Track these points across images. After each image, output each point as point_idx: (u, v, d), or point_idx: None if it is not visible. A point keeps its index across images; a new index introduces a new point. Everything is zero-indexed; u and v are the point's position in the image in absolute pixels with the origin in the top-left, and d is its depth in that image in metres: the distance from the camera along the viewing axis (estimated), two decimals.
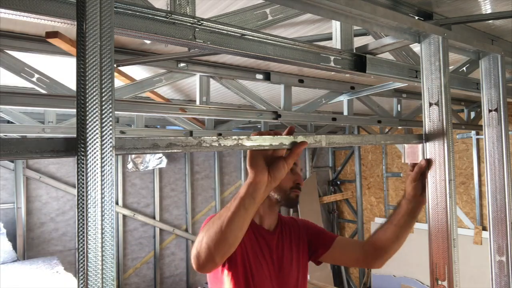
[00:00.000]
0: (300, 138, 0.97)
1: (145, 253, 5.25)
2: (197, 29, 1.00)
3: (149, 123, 4.35)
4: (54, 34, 1.70)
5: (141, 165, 5.05)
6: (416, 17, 1.40)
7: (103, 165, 0.65)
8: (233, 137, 0.86)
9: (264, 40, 1.12)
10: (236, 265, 1.27)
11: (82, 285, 0.63)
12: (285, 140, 0.94)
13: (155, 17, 0.93)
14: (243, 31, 1.07)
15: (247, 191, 0.90)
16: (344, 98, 3.15)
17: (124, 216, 5.09)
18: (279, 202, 1.41)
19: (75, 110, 0.66)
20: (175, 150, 0.79)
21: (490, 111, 1.52)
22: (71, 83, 1.74)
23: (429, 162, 1.16)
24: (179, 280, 5.49)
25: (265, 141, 0.90)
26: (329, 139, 1.02)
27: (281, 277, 1.37)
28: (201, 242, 0.99)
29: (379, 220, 5.67)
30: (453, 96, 3.32)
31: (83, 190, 0.63)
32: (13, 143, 0.61)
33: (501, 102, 1.50)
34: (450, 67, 1.39)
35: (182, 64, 2.28)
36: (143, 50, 2.14)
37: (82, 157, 0.64)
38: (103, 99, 0.66)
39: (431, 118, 1.24)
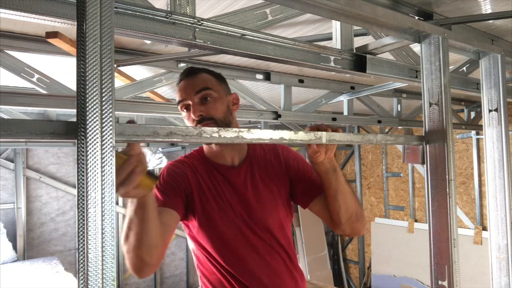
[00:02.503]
0: (300, 134, 0.97)
1: None
2: (197, 29, 1.00)
3: (149, 123, 4.35)
4: (54, 34, 1.70)
5: None
6: (416, 17, 1.40)
7: (103, 165, 0.65)
8: (234, 129, 0.86)
9: (264, 40, 1.12)
10: (195, 214, 1.19)
11: (82, 285, 0.63)
12: (285, 134, 0.94)
13: (155, 17, 0.93)
14: (243, 31, 1.07)
15: (134, 212, 0.94)
16: (344, 98, 3.15)
17: (124, 216, 5.09)
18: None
19: (75, 110, 0.66)
20: (175, 140, 0.78)
21: (490, 111, 1.52)
22: (71, 83, 1.74)
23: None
24: (179, 280, 5.49)
25: (263, 134, 0.90)
26: (330, 136, 1.02)
27: (255, 214, 1.22)
28: (130, 256, 1.00)
29: (379, 220, 5.67)
30: (453, 96, 3.32)
31: (83, 190, 0.63)
32: (13, 124, 0.61)
33: (501, 102, 1.50)
34: (450, 67, 1.39)
35: (182, 64, 2.28)
36: (143, 50, 2.14)
37: (82, 157, 0.64)
38: (103, 99, 0.66)
39: (431, 118, 1.24)
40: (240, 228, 1.21)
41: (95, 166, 0.65)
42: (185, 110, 1.21)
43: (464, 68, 1.99)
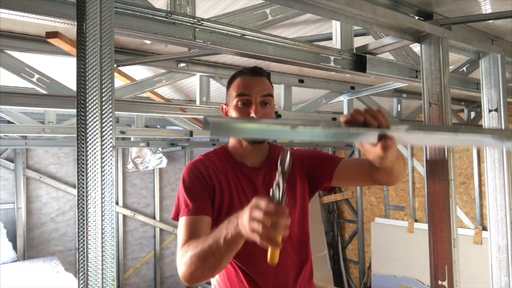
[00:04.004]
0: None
1: (145, 253, 5.25)
2: (197, 29, 1.00)
3: (149, 123, 4.35)
4: (54, 34, 1.70)
5: (141, 165, 5.05)
6: (416, 17, 1.40)
7: (103, 165, 0.65)
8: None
9: (264, 40, 1.12)
10: (219, 211, 1.22)
11: (82, 285, 0.63)
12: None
13: (155, 17, 0.93)
14: (243, 31, 1.07)
15: (233, 241, 0.95)
16: (344, 98, 3.15)
17: (124, 216, 5.09)
18: (243, 140, 1.28)
19: (75, 110, 0.66)
20: None
21: (490, 111, 1.52)
22: (71, 83, 1.74)
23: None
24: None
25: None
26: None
27: None
28: (195, 270, 1.03)
29: (379, 220, 5.67)
30: (453, 96, 3.32)
31: (83, 190, 0.63)
32: None
33: (501, 102, 1.50)
34: (450, 67, 1.39)
35: (182, 64, 2.28)
36: (143, 50, 2.14)
37: (82, 157, 0.64)
38: (103, 99, 0.66)
39: (431, 118, 1.24)
40: None
41: (95, 166, 0.65)
42: (241, 104, 1.23)
43: (464, 68, 1.99)
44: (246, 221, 0.87)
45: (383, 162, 1.05)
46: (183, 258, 1.06)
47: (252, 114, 1.20)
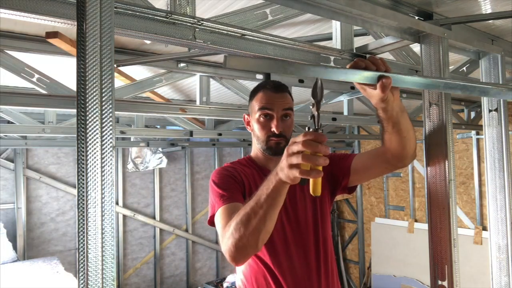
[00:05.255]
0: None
1: (145, 253, 5.25)
2: (197, 29, 1.00)
3: (149, 123, 4.35)
4: (54, 34, 1.70)
5: (141, 165, 5.05)
6: (416, 17, 1.40)
7: (103, 165, 0.65)
8: None
9: (264, 40, 1.12)
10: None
11: (82, 285, 0.63)
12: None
13: (155, 17, 0.93)
14: (243, 31, 1.07)
15: (274, 191, 0.95)
16: (344, 98, 3.14)
17: (124, 216, 5.09)
18: (266, 153, 1.35)
19: (75, 110, 0.66)
20: None
21: (490, 111, 1.52)
22: (71, 83, 1.74)
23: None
24: (179, 280, 5.49)
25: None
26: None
27: (296, 214, 1.31)
28: (240, 240, 1.01)
29: (379, 220, 5.67)
30: (453, 96, 3.32)
31: (83, 190, 0.63)
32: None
33: (501, 102, 1.50)
34: (450, 67, 1.39)
35: (182, 64, 2.28)
36: (143, 50, 2.14)
37: (82, 157, 0.64)
38: (103, 99, 0.66)
39: (431, 118, 1.24)
40: (284, 227, 1.29)
41: (95, 166, 0.65)
42: (263, 117, 1.32)
43: (464, 68, 1.99)
44: (284, 162, 0.88)
45: (387, 111, 1.09)
46: (225, 234, 1.05)
47: (273, 129, 1.29)
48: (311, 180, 0.87)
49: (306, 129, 0.89)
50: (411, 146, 1.19)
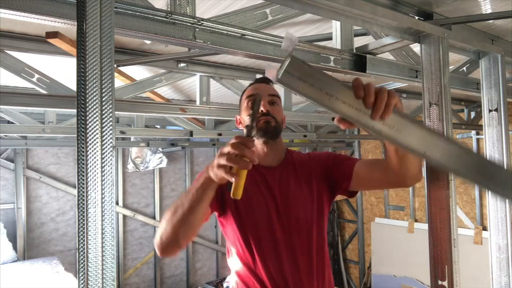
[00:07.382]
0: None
1: (145, 253, 5.25)
2: (197, 29, 1.00)
3: (149, 123, 4.35)
4: (54, 34, 1.70)
5: (141, 165, 5.05)
6: (416, 17, 1.40)
7: (103, 165, 0.65)
8: None
9: (264, 40, 1.12)
10: (232, 209, 1.27)
11: (82, 285, 0.63)
12: None
13: (155, 17, 0.93)
14: (243, 31, 1.07)
15: (202, 186, 0.99)
16: None
17: (124, 216, 5.09)
18: (258, 136, 1.32)
19: (75, 110, 0.66)
20: None
21: (490, 111, 1.52)
22: (71, 83, 1.74)
23: None
24: (179, 280, 5.49)
25: None
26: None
27: (288, 211, 1.29)
28: (165, 230, 1.07)
29: (379, 220, 5.67)
30: (453, 96, 3.32)
31: (83, 190, 0.63)
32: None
33: (501, 102, 1.50)
34: (450, 67, 1.39)
35: (182, 64, 2.28)
36: (143, 50, 2.14)
37: (83, 157, 0.64)
38: (103, 99, 0.66)
39: (431, 118, 1.24)
40: (272, 225, 1.27)
41: (95, 166, 0.65)
42: (250, 103, 1.33)
43: (464, 68, 1.99)
44: (215, 161, 0.92)
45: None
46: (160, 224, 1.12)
47: (261, 108, 1.29)
48: (233, 182, 0.90)
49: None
50: (414, 166, 1.12)
